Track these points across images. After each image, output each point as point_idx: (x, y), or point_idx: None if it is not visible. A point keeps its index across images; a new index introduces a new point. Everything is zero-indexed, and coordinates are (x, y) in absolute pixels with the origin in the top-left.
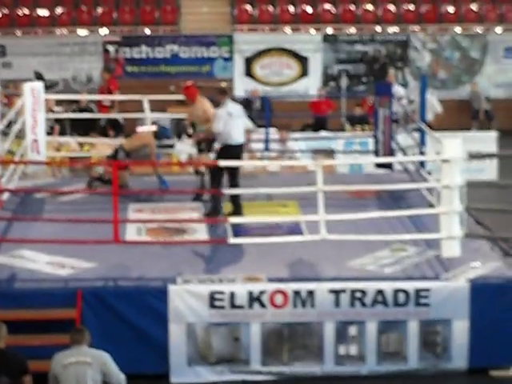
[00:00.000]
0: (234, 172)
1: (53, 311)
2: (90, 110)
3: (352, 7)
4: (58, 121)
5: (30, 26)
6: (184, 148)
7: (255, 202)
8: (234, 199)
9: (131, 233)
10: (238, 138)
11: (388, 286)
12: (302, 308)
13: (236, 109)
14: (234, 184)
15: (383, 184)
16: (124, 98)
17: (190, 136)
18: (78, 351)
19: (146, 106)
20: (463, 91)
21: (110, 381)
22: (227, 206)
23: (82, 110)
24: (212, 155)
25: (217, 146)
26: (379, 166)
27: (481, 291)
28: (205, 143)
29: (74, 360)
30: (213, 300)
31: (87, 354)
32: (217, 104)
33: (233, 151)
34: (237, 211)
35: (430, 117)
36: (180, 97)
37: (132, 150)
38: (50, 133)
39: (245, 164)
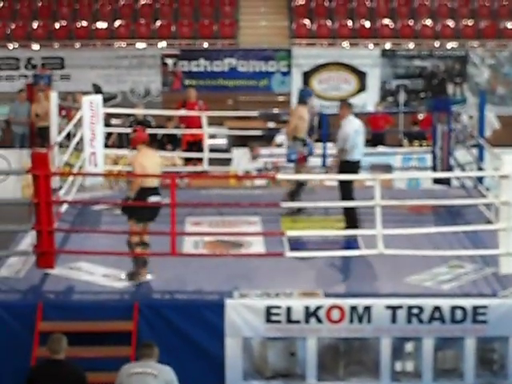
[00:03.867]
0: (348, 187)
1: (109, 323)
2: (147, 123)
3: (410, 22)
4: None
5: (89, 38)
6: (242, 162)
7: (313, 217)
8: (349, 213)
9: (188, 246)
10: (359, 154)
11: (445, 303)
12: (358, 323)
13: (360, 125)
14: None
15: (441, 200)
16: (183, 113)
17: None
18: (146, 364)
19: (204, 120)
20: None
21: None
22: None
23: (139, 123)
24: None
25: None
26: (437, 181)
27: None
28: None
29: (140, 370)
30: (269, 314)
31: (154, 367)
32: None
33: (353, 167)
34: (351, 225)
35: (488, 133)
36: (238, 112)
37: None
38: (107, 145)
39: (303, 178)
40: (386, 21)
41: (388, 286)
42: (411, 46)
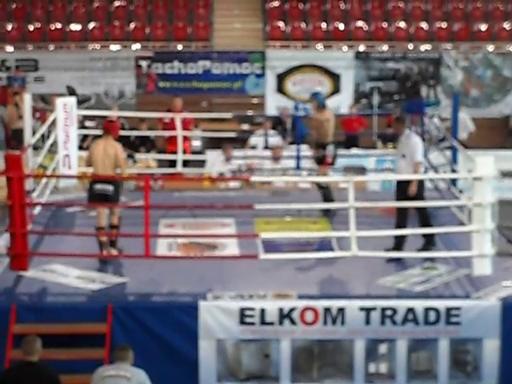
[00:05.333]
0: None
1: (83, 325)
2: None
3: (384, 25)
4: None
5: (63, 40)
6: (216, 164)
7: (286, 219)
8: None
9: (162, 248)
10: None
11: (419, 305)
12: (332, 325)
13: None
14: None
15: (414, 202)
16: (156, 115)
17: None
18: (119, 366)
19: (178, 123)
20: (495, 110)
21: None
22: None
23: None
24: None
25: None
26: None
27: None
28: None
29: (114, 373)
30: (243, 316)
31: (127, 369)
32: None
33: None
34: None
35: (464, 136)
36: (212, 114)
37: None
38: (81, 147)
39: (276, 180)
40: (360, 23)
41: (361, 288)
42: (385, 48)
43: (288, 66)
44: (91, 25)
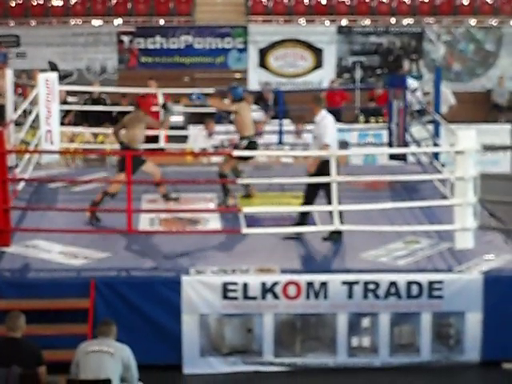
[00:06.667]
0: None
1: (66, 301)
2: (102, 101)
3: None
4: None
5: (44, 15)
6: (198, 139)
7: (268, 193)
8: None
9: (145, 223)
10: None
11: (401, 278)
12: (314, 299)
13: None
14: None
15: (397, 175)
16: (138, 90)
17: None
18: (103, 342)
19: (160, 98)
20: (478, 84)
21: (126, 375)
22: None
23: (94, 101)
24: None
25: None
26: (393, 157)
27: (494, 284)
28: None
29: (97, 348)
30: (226, 291)
31: (111, 345)
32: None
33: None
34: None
35: (444, 109)
36: (194, 89)
37: None
38: (63, 123)
39: (258, 154)
40: None
41: (344, 262)
42: (367, 22)
43: (270, 41)
44: (73, 0)
